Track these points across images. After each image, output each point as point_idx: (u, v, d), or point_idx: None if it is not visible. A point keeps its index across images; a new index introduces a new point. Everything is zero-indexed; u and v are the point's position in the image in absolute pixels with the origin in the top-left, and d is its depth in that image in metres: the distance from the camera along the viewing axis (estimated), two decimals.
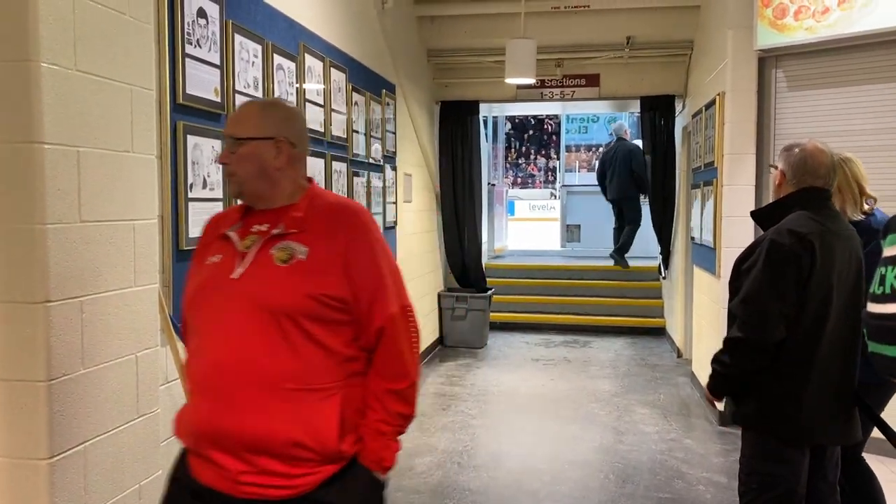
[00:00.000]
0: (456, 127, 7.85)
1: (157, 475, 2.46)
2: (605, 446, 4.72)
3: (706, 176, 5.70)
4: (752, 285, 2.43)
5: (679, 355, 7.25)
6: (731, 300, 2.54)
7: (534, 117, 17.64)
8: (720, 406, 2.72)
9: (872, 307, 2.05)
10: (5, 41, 1.93)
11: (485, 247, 9.02)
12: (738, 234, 4.94)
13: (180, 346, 2.83)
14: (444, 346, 7.82)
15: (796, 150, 2.54)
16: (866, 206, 2.92)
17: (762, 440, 2.53)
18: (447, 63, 7.75)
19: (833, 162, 2.53)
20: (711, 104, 5.45)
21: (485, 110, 8.43)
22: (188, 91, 2.93)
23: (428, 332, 7.38)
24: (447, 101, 7.87)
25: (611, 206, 9.89)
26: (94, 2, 2.13)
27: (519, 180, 23.81)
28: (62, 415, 2.02)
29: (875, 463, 3.55)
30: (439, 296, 7.82)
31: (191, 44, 2.96)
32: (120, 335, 2.25)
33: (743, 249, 2.59)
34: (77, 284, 2.07)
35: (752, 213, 2.71)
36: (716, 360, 2.54)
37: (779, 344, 2.42)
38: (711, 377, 2.59)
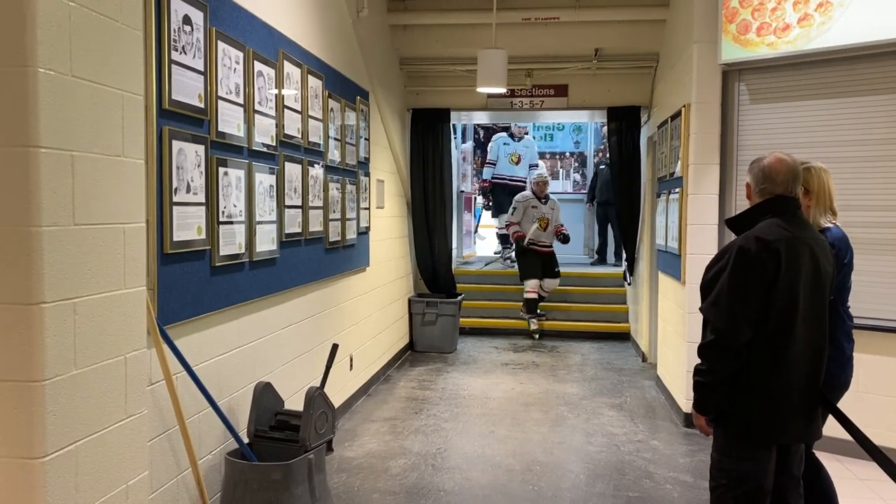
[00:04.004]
0: (427, 134, 7.95)
1: (144, 476, 2.49)
2: (575, 447, 4.83)
3: (671, 185, 5.86)
4: (720, 289, 2.56)
5: (644, 359, 7.42)
6: (702, 303, 2.68)
7: (487, 127, 17.55)
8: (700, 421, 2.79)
9: None
10: (4, 47, 1.96)
11: (454, 252, 9.12)
12: (703, 242, 5.12)
13: (165, 348, 2.87)
14: (415, 351, 7.88)
15: (758, 162, 2.72)
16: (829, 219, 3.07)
17: (732, 439, 2.65)
18: (419, 71, 7.86)
19: (794, 170, 2.67)
20: (677, 115, 5.62)
21: (455, 118, 8.54)
22: (174, 97, 2.97)
23: (398, 336, 7.44)
24: (419, 108, 7.97)
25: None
26: (90, 9, 2.17)
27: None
28: (55, 415, 2.05)
29: (831, 461, 3.72)
30: (410, 301, 7.89)
31: (176, 50, 3.00)
32: (110, 336, 2.29)
33: (708, 255, 2.73)
34: (70, 286, 2.10)
35: (727, 221, 2.86)
36: (695, 373, 2.64)
37: (748, 346, 2.55)
38: (694, 392, 2.68)
